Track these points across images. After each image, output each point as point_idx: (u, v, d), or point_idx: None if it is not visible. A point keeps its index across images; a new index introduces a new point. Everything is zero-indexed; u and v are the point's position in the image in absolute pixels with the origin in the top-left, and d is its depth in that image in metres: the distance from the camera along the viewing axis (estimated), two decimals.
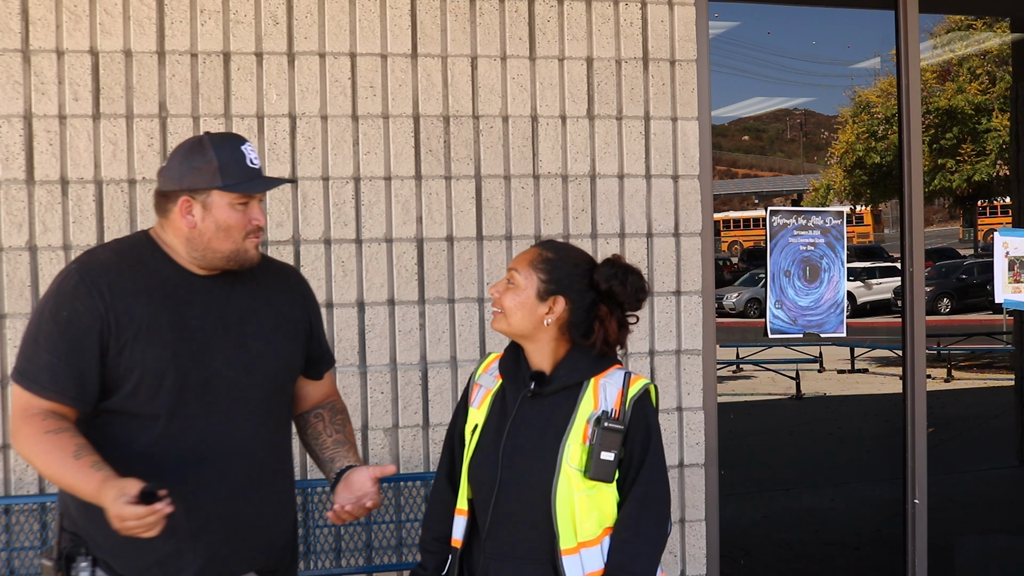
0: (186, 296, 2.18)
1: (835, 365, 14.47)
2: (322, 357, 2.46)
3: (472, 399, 2.32)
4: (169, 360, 2.12)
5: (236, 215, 2.18)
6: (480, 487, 2.22)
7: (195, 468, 2.14)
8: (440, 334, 3.62)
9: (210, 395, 2.16)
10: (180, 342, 2.14)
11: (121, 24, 3.38)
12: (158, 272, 2.19)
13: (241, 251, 2.20)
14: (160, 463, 2.11)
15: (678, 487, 3.80)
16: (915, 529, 4.08)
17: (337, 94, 3.54)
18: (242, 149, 2.21)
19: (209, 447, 2.16)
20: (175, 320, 2.15)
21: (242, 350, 2.21)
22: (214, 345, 2.18)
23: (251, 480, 2.21)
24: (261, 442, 2.24)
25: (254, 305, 2.27)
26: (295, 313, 2.35)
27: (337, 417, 2.44)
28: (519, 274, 2.23)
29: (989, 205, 31.00)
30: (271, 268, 2.38)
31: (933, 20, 24.23)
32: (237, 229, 2.18)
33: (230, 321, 2.21)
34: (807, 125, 73.57)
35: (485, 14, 3.66)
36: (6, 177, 3.29)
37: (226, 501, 2.17)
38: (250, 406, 2.22)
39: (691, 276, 3.83)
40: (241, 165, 2.19)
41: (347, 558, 3.49)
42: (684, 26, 3.82)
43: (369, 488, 2.22)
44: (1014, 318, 8.40)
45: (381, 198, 3.57)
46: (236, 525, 2.19)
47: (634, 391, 2.20)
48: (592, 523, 2.15)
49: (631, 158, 3.78)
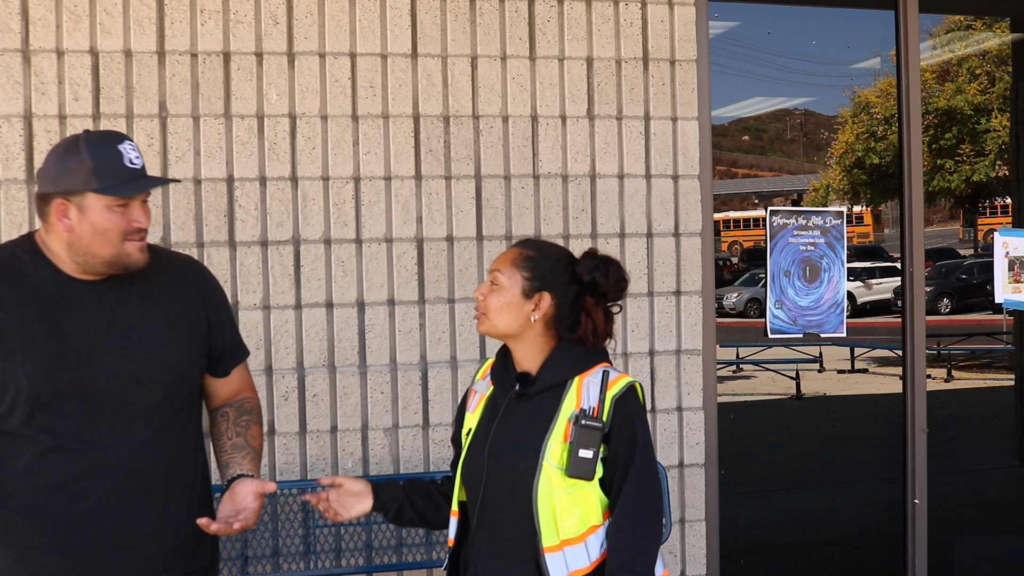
0: (67, 306, 2.11)
1: (835, 365, 14.48)
2: (225, 354, 2.35)
3: (469, 405, 2.36)
4: (45, 376, 2.05)
5: (114, 217, 2.08)
6: (469, 487, 2.27)
7: (76, 484, 2.09)
8: (440, 334, 3.62)
9: (91, 409, 2.09)
10: (58, 356, 2.07)
11: (121, 24, 3.38)
12: (37, 281, 2.11)
13: (122, 255, 2.11)
14: (42, 481, 2.08)
15: (678, 487, 3.80)
16: (915, 529, 4.08)
17: (337, 94, 3.54)
18: (119, 148, 2.10)
19: (92, 461, 2.09)
20: (53, 333, 2.08)
21: (127, 360, 2.12)
22: (95, 357, 2.10)
23: (141, 491, 2.14)
24: (150, 452, 2.15)
25: (143, 310, 2.18)
26: (190, 313, 2.25)
27: (242, 418, 2.34)
28: (502, 274, 2.24)
29: (989, 205, 31.00)
30: (165, 266, 2.28)
31: (933, 20, 24.25)
32: (115, 232, 2.08)
33: (115, 330, 2.13)
34: (807, 125, 73.58)
35: (485, 14, 3.66)
36: (6, 177, 3.29)
37: (113, 515, 2.11)
38: (137, 418, 2.14)
39: (691, 276, 3.83)
40: (117, 165, 2.09)
41: (347, 558, 3.49)
42: (684, 26, 3.82)
43: (250, 503, 2.14)
44: (1014, 318, 8.40)
45: (381, 198, 3.57)
46: (126, 538, 2.13)
47: (615, 390, 2.21)
48: (574, 521, 2.16)
49: (631, 158, 3.78)
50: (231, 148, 3.45)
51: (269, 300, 3.47)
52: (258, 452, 2.31)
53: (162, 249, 2.40)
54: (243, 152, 3.46)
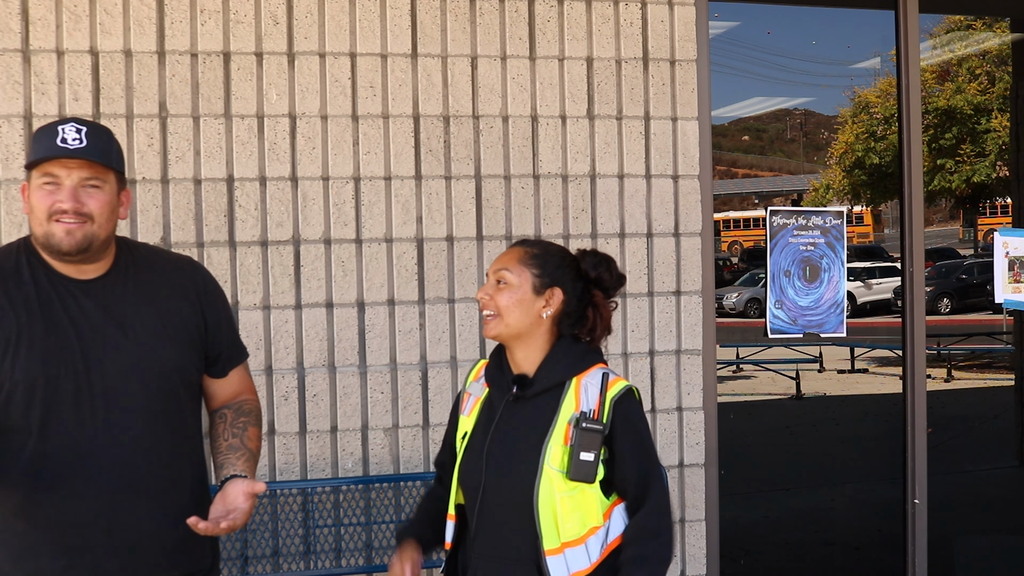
0: (62, 303, 2.12)
1: (835, 365, 14.48)
2: (222, 354, 2.33)
3: (463, 408, 2.35)
4: (39, 371, 2.06)
5: (41, 195, 2.08)
6: (467, 490, 2.26)
7: (70, 482, 2.08)
8: (440, 334, 3.62)
9: (85, 405, 2.09)
10: (52, 351, 2.07)
11: (121, 24, 3.38)
12: (34, 281, 2.13)
13: (48, 235, 2.09)
14: (35, 478, 2.07)
15: (678, 487, 3.80)
16: (915, 529, 4.08)
17: (337, 94, 3.54)
18: (60, 127, 2.09)
19: (85, 459, 2.08)
20: (48, 329, 2.08)
21: (121, 355, 2.12)
22: (90, 353, 2.10)
23: (135, 490, 2.12)
24: (144, 451, 2.13)
25: (137, 307, 2.17)
26: (184, 312, 2.24)
27: (240, 419, 2.32)
28: (511, 272, 2.24)
29: (989, 205, 31.01)
30: (162, 265, 2.29)
31: (933, 20, 24.26)
32: (41, 210, 2.08)
33: (110, 326, 2.13)
34: (807, 125, 73.61)
35: (485, 14, 3.66)
36: (6, 177, 3.29)
37: (108, 514, 2.10)
38: (131, 414, 2.12)
39: (691, 276, 3.83)
40: (49, 141, 2.07)
41: (347, 558, 3.49)
42: (684, 26, 3.82)
43: (240, 503, 2.12)
44: (1014, 318, 8.41)
45: (381, 198, 3.57)
46: (122, 538, 2.11)
47: (614, 392, 2.22)
48: (575, 523, 2.16)
49: (631, 158, 3.78)
50: (231, 148, 3.45)
51: (269, 300, 3.47)
52: (254, 453, 2.30)
53: (161, 249, 2.40)
54: (243, 152, 3.46)
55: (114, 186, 2.16)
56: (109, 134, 2.19)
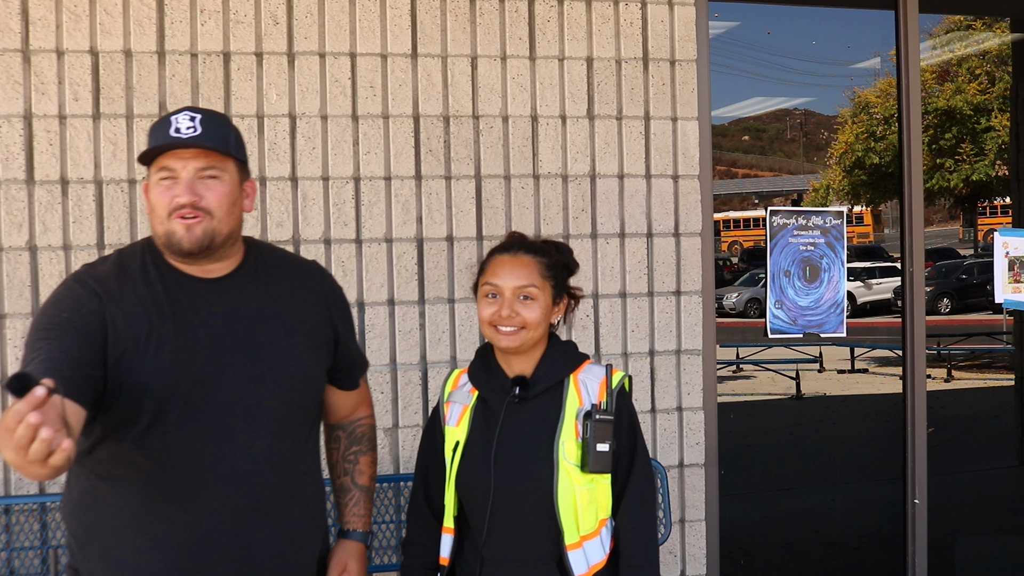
0: (190, 304, 1.98)
1: (835, 365, 14.47)
2: (353, 365, 2.24)
3: (446, 419, 2.30)
4: (168, 374, 1.91)
5: (159, 191, 1.94)
6: (473, 498, 2.22)
7: (193, 495, 1.93)
8: (440, 334, 3.62)
9: (213, 412, 1.93)
10: (181, 353, 1.93)
11: (121, 24, 3.38)
12: (160, 280, 1.99)
13: (168, 233, 1.94)
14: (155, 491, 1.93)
15: (678, 487, 3.80)
16: (915, 529, 4.08)
17: (337, 94, 3.54)
18: (172, 117, 1.94)
19: (209, 471, 1.93)
20: (178, 330, 1.94)
21: (253, 360, 1.98)
22: (221, 356, 1.95)
23: (260, 507, 1.98)
24: (271, 464, 1.99)
25: (266, 310, 2.03)
26: (316, 319, 2.11)
27: (352, 449, 2.25)
28: (536, 288, 2.23)
29: (989, 205, 31.01)
30: (290, 266, 2.16)
31: (933, 20, 24.25)
32: (160, 207, 1.93)
33: (240, 328, 1.99)
34: (807, 125, 73.60)
35: (485, 14, 3.66)
36: (6, 177, 3.29)
37: (231, 531, 1.95)
38: (260, 424, 1.98)
39: (691, 276, 3.83)
40: (163, 132, 1.93)
41: None
42: (684, 26, 3.82)
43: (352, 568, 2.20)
44: (1014, 318, 8.40)
45: (381, 198, 3.57)
46: (244, 558, 1.97)
47: (615, 382, 2.25)
48: (591, 516, 2.19)
49: (631, 158, 3.78)
50: None
51: None
52: (368, 489, 2.27)
53: (288, 252, 2.26)
54: None
55: (235, 176, 2.00)
56: (226, 120, 2.05)
